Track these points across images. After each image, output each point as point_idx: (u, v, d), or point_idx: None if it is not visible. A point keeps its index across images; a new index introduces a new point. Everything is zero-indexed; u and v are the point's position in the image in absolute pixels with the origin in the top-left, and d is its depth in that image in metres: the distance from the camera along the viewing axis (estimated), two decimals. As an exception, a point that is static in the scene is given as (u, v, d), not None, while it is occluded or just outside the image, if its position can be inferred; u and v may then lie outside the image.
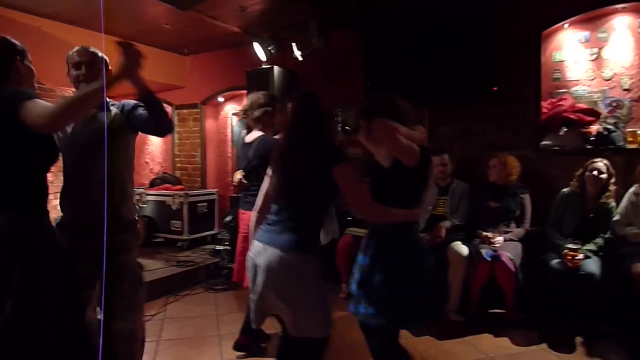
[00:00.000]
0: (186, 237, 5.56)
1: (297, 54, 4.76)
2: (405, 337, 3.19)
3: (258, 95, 3.04)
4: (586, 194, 3.47)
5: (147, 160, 7.33)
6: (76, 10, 4.46)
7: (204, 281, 4.68)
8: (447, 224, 3.82)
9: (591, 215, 3.44)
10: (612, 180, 3.44)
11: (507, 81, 4.07)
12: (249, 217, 2.89)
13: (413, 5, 4.32)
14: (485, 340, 3.25)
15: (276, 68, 4.80)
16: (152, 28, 5.12)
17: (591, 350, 3.04)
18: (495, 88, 4.05)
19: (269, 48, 4.87)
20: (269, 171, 2.01)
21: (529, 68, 4.12)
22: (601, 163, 3.43)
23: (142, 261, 4.67)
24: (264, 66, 4.90)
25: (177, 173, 6.73)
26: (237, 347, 3.02)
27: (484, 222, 3.80)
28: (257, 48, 4.89)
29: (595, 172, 3.40)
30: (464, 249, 3.61)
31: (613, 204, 3.45)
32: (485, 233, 3.70)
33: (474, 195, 3.94)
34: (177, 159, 6.83)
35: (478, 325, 3.45)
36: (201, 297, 4.29)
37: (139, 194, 5.97)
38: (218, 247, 5.10)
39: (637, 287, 3.04)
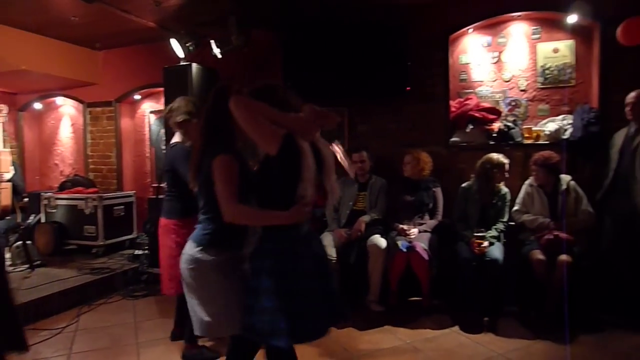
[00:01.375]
0: (101, 243, 5.24)
1: (216, 51, 4.66)
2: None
3: (187, 101, 2.90)
4: (488, 186, 3.75)
5: (56, 161, 6.82)
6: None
7: (121, 288, 4.43)
8: (366, 218, 3.95)
9: (492, 202, 3.75)
10: None
11: (419, 82, 4.31)
12: (163, 224, 2.85)
13: (331, 8, 4.41)
14: (404, 328, 3.41)
15: (195, 65, 4.66)
16: (58, 20, 4.76)
17: (496, 328, 3.32)
18: (408, 88, 4.27)
19: (187, 45, 4.71)
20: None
21: (438, 69, 4.39)
22: (506, 160, 3.73)
23: (53, 270, 4.49)
24: (182, 63, 4.75)
25: (91, 175, 6.33)
26: None
27: (400, 215, 3.99)
28: (175, 44, 4.71)
29: (507, 174, 3.72)
30: (382, 242, 3.75)
31: (505, 189, 3.79)
32: (401, 225, 3.88)
33: (390, 190, 4.11)
34: (90, 160, 6.41)
35: (397, 314, 3.62)
36: (118, 305, 4.08)
37: (47, 199, 5.55)
38: (137, 252, 4.88)
39: (535, 271, 3.41)
